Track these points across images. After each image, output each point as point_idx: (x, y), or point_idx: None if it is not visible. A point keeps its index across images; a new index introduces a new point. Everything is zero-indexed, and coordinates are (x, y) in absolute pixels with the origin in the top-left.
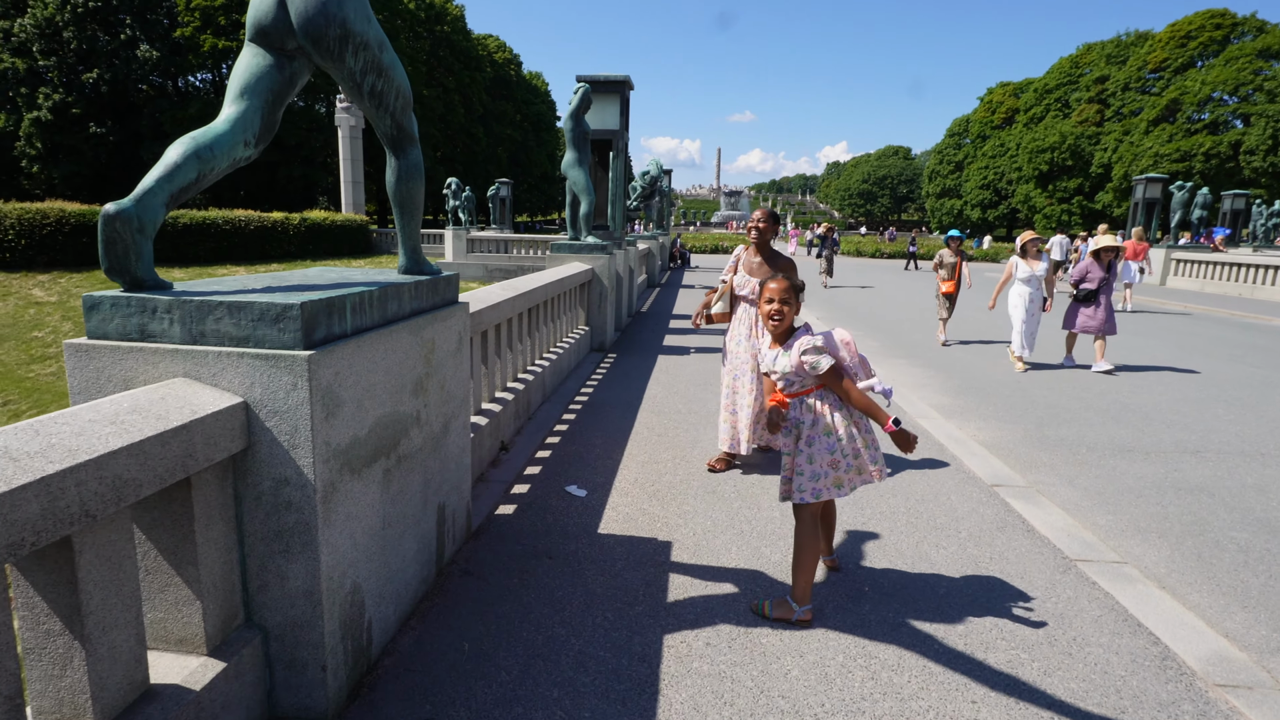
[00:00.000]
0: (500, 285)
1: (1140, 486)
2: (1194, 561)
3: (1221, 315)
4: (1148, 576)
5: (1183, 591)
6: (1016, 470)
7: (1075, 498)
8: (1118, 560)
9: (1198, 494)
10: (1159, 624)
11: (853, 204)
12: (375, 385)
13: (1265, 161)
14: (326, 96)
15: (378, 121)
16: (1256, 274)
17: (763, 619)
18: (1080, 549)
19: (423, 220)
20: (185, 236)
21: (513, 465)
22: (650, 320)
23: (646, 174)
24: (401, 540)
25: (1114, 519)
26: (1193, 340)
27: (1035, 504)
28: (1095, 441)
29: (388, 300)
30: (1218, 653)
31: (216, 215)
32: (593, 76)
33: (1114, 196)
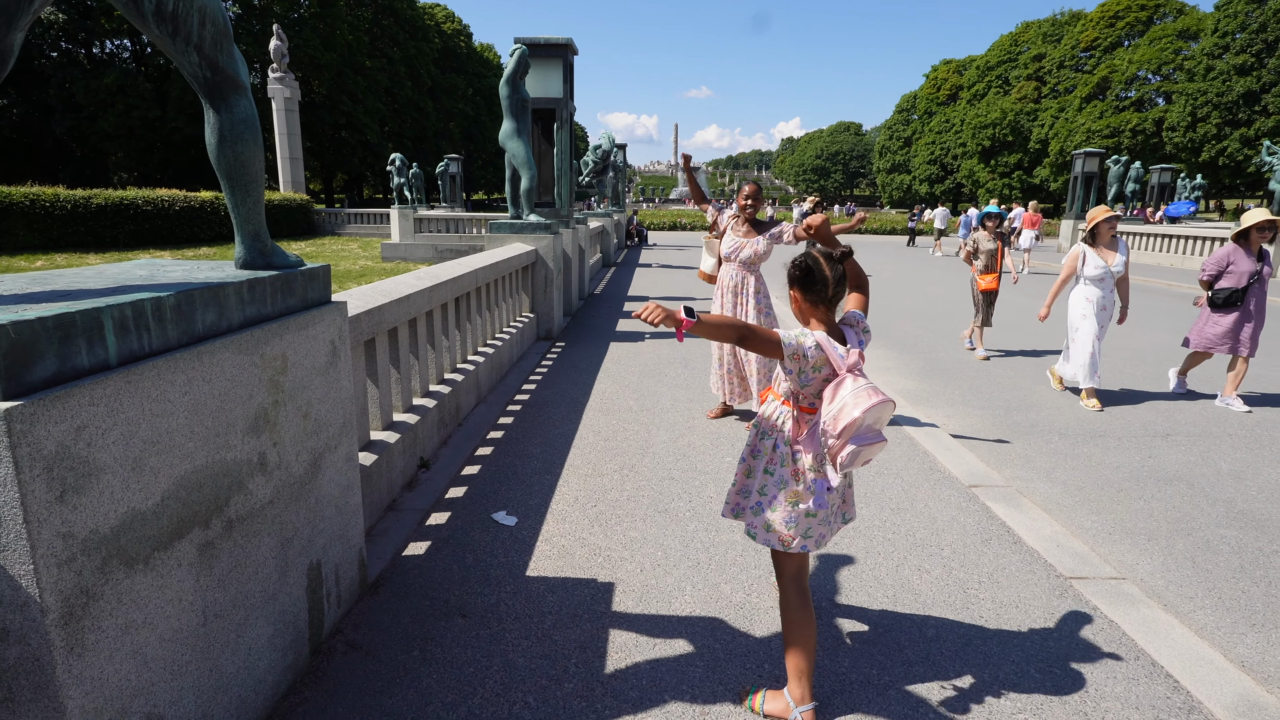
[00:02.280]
0: (415, 274)
1: (1119, 478)
2: (1190, 570)
3: (1159, 285)
4: (1149, 595)
5: (1187, 611)
6: (993, 466)
7: (1056, 495)
8: (1115, 576)
9: (1177, 484)
10: (1173, 661)
11: (807, 179)
12: (173, 432)
13: (1185, 137)
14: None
15: (180, 58)
16: (1187, 244)
17: (751, 713)
18: (1073, 563)
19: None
20: (100, 219)
21: (433, 486)
22: (604, 303)
23: (599, 148)
24: (242, 630)
25: (1099, 520)
26: (1138, 312)
27: (1017, 507)
28: (1066, 426)
29: (196, 309)
30: (1245, 698)
31: (136, 195)
32: (532, 39)
33: (1051, 171)
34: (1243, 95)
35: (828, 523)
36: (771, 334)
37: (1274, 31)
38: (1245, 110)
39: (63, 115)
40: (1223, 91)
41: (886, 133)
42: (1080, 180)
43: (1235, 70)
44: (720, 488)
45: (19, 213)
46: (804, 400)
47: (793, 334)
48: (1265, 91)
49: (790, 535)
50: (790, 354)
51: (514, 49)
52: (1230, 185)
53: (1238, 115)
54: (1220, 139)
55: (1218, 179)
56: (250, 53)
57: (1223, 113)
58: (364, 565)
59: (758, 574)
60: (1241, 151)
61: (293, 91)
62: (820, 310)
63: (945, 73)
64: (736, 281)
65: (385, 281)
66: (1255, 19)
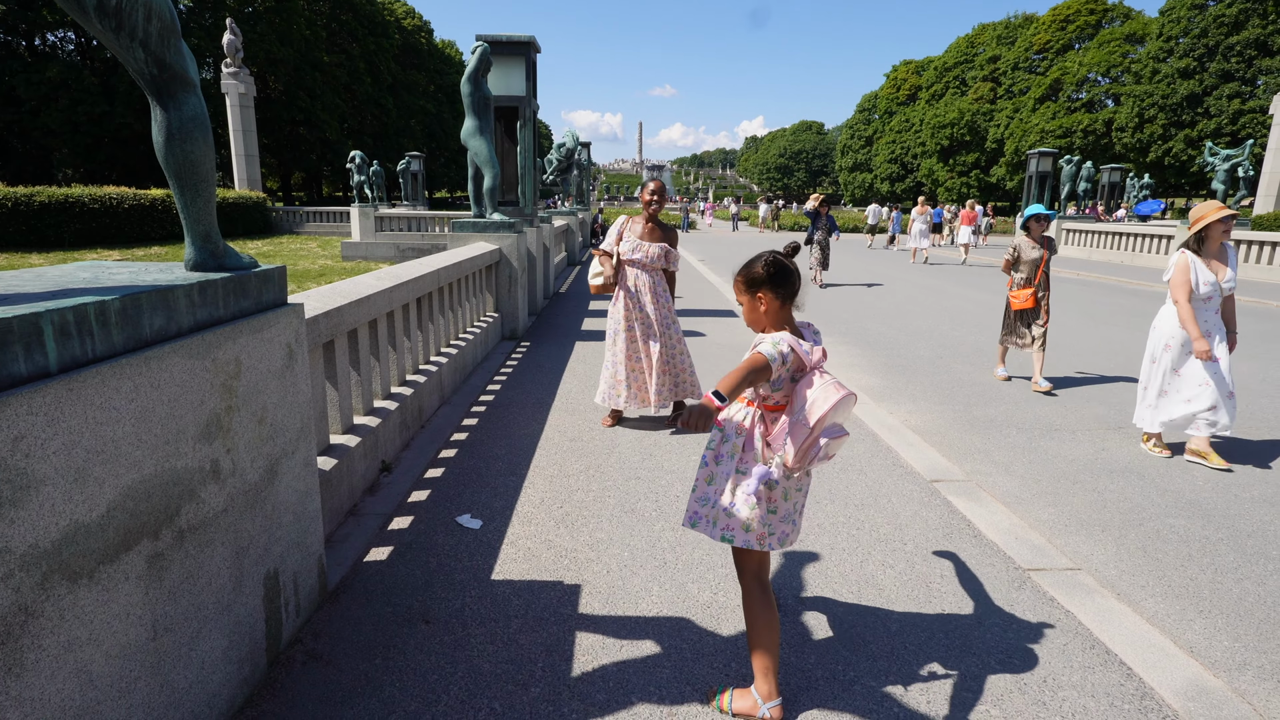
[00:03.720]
0: (375, 274)
1: (1074, 471)
2: (1141, 559)
3: (1110, 282)
4: (1103, 585)
5: (1138, 599)
6: (954, 461)
7: (1014, 488)
8: (1070, 567)
9: (1127, 475)
10: (1126, 648)
11: (770, 178)
12: (119, 441)
13: (1133, 138)
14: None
15: (125, 55)
16: (1137, 242)
17: (720, 713)
18: (1031, 555)
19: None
20: (44, 217)
21: (395, 490)
22: (569, 302)
23: (563, 146)
24: (195, 643)
25: (1056, 512)
26: (1093, 308)
27: (977, 501)
28: (1023, 421)
29: (143, 313)
30: (1193, 682)
31: (83, 193)
32: (493, 36)
33: (1007, 170)
34: (1186, 98)
35: (790, 520)
36: (759, 359)
37: (1214, 37)
38: (1189, 112)
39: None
40: (1168, 94)
41: (848, 132)
42: (1035, 179)
43: (1179, 74)
44: (687, 487)
45: None
46: (771, 400)
47: (771, 348)
48: (1207, 95)
49: (762, 533)
50: (778, 366)
51: (476, 46)
52: (1175, 185)
53: (1182, 117)
54: (1166, 139)
55: (1164, 178)
56: (202, 47)
57: (1168, 114)
58: (324, 573)
59: (724, 573)
60: (1186, 152)
61: (247, 87)
62: (787, 309)
63: (905, 73)
64: (643, 283)
65: (344, 282)
66: (1197, 24)
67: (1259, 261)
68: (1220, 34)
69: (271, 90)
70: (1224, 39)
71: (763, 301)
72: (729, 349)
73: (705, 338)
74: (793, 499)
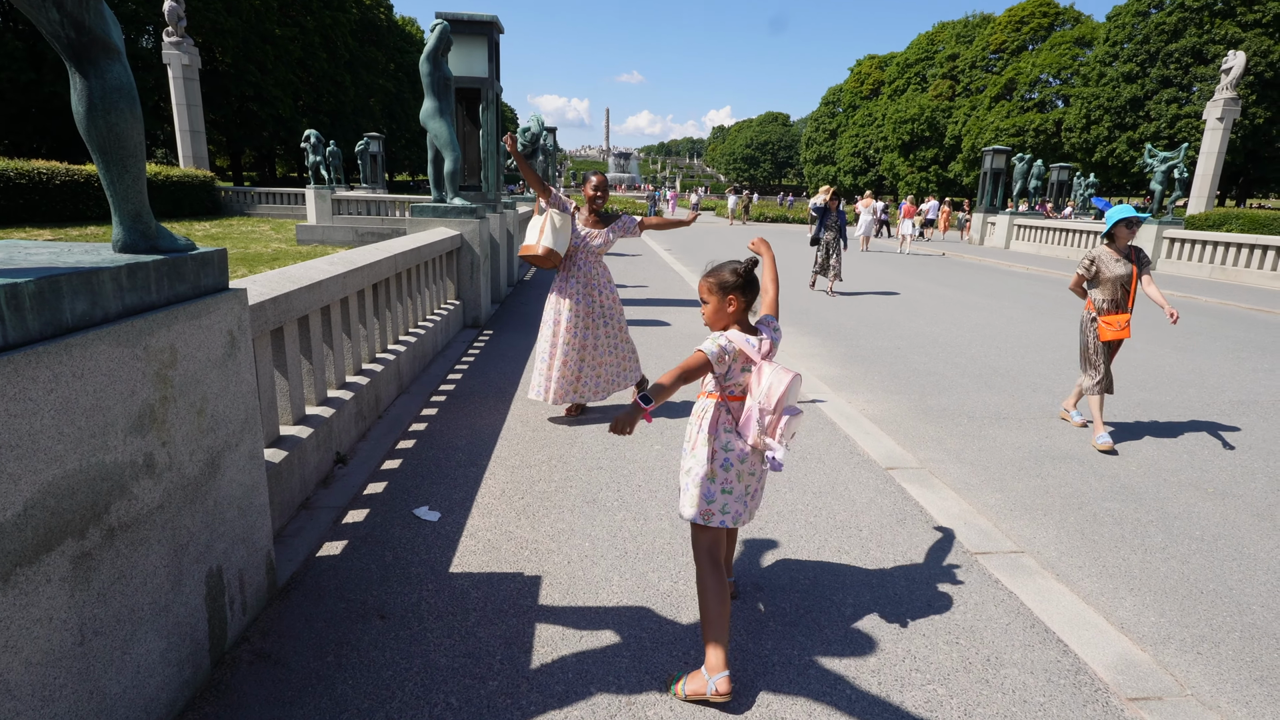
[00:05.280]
0: (329, 259)
1: (1020, 458)
2: (1079, 540)
3: (1057, 277)
4: (1044, 566)
5: (1076, 579)
6: (908, 449)
7: (964, 475)
8: (1014, 549)
9: (1069, 461)
10: (1064, 626)
11: (737, 168)
12: (36, 434)
13: (1080, 138)
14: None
15: (36, 14)
16: (1084, 239)
17: (676, 699)
18: (978, 539)
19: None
20: None
21: (350, 483)
22: (534, 289)
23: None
24: (129, 647)
25: (1002, 497)
26: (1039, 301)
27: (929, 487)
28: (973, 410)
29: (62, 297)
30: (1123, 656)
31: (7, 166)
32: (454, 14)
33: (964, 166)
34: (1129, 101)
35: (743, 501)
36: (698, 358)
37: (1156, 44)
38: (1131, 115)
39: None
40: (1113, 97)
41: (813, 124)
42: (989, 175)
43: (1123, 78)
44: (649, 476)
45: None
46: (733, 391)
47: (712, 345)
48: (1148, 99)
49: (710, 510)
50: (718, 361)
51: (435, 24)
52: (1118, 184)
53: (1125, 119)
54: (1111, 140)
55: (1108, 178)
56: (141, 14)
57: (1113, 116)
58: (273, 569)
59: (684, 561)
60: (1128, 153)
61: (191, 59)
62: (745, 314)
63: (869, 68)
64: (587, 272)
65: (295, 267)
66: (1140, 31)
67: (1191, 259)
68: (1161, 41)
69: (219, 63)
70: (1164, 46)
71: (732, 304)
72: (693, 338)
73: (670, 327)
74: (745, 481)
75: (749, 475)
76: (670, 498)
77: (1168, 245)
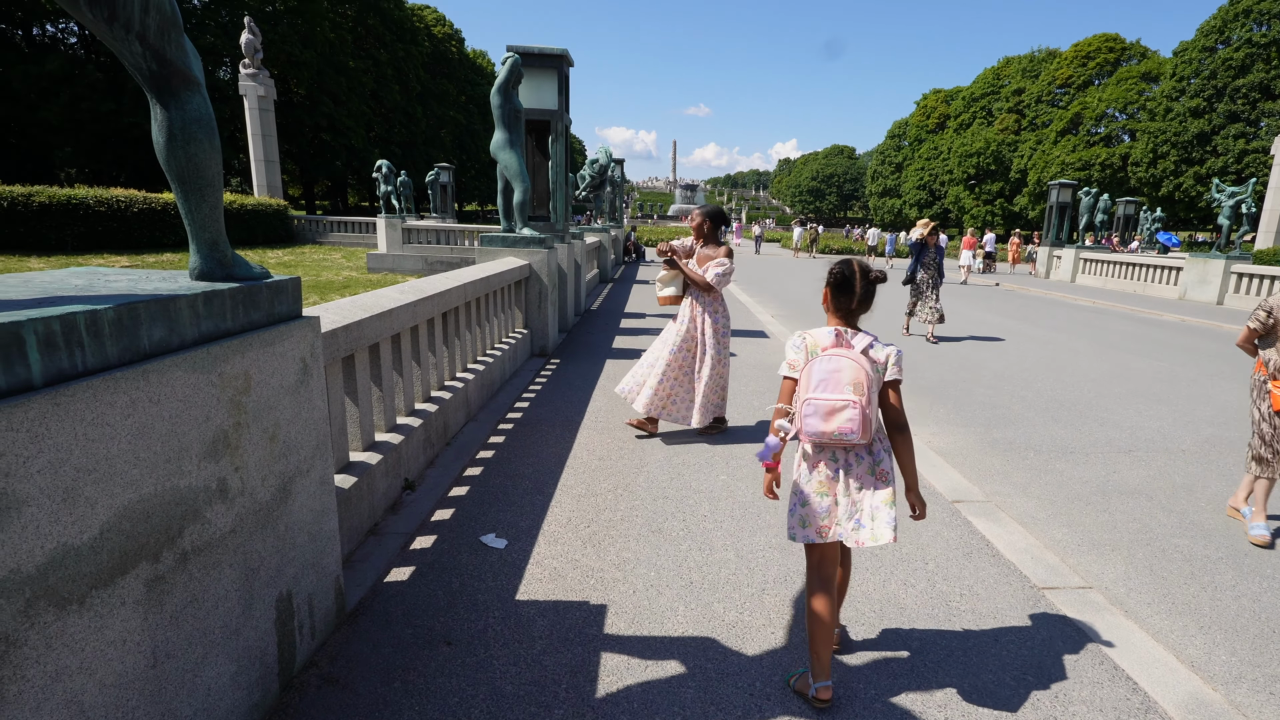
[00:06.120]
0: (399, 287)
1: (1087, 492)
2: (1148, 577)
3: (1123, 310)
4: (1112, 603)
5: (1145, 616)
6: (974, 482)
7: (1031, 509)
8: (1082, 585)
9: (1137, 497)
10: (1133, 664)
11: (803, 200)
12: (113, 459)
13: (1147, 173)
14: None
15: (121, 47)
16: (1151, 273)
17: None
18: (1046, 574)
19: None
20: (44, 219)
21: (418, 509)
22: (600, 319)
23: (595, 162)
24: (200, 670)
25: (1069, 532)
26: (1106, 335)
27: (996, 521)
28: (1039, 444)
29: (141, 324)
30: (1194, 695)
31: (87, 194)
32: (525, 48)
33: (1029, 200)
34: (1196, 136)
35: (830, 516)
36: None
37: (1222, 79)
38: (1199, 150)
39: None
40: (1179, 131)
41: (878, 157)
42: (1055, 209)
43: (1190, 113)
44: (714, 506)
45: None
46: None
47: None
48: (1215, 134)
49: (792, 524)
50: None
51: (506, 57)
52: (1185, 219)
53: (1192, 154)
54: (1177, 175)
55: (1175, 212)
56: (218, 45)
57: (1180, 151)
58: (341, 594)
59: (750, 592)
60: (1195, 188)
61: (267, 90)
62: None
63: (934, 101)
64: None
65: (365, 295)
66: (1207, 66)
67: (1259, 294)
68: (1228, 76)
69: (294, 94)
70: (1231, 81)
71: (825, 296)
72: (758, 368)
73: (736, 357)
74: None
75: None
76: (735, 528)
77: (1235, 280)
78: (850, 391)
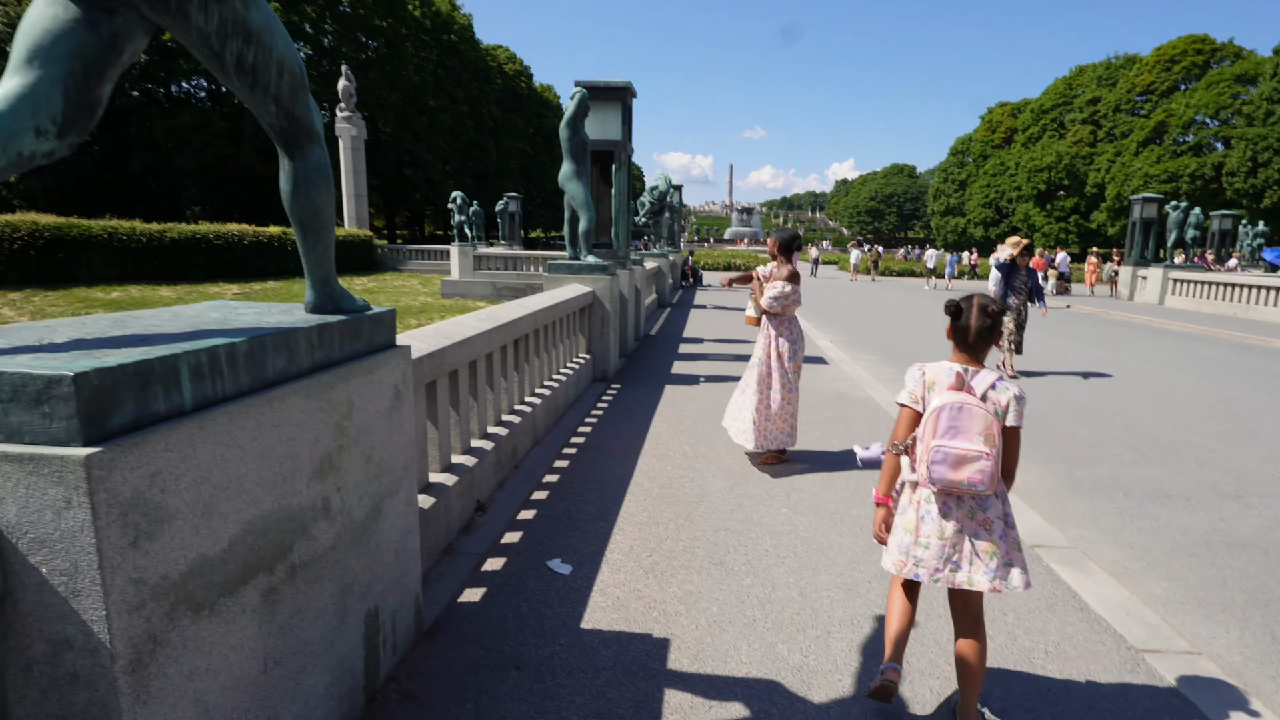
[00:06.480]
0: (476, 315)
1: (1189, 543)
2: (1269, 644)
3: (1222, 336)
4: (1227, 672)
5: (1269, 692)
6: (1055, 525)
7: (1123, 559)
8: (1189, 650)
9: (1250, 550)
10: None
11: (861, 221)
12: (242, 478)
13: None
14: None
15: (258, 108)
16: (1253, 294)
17: None
18: (1145, 634)
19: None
20: (174, 252)
21: (489, 531)
22: (659, 344)
23: (655, 189)
24: (301, 678)
25: (1170, 587)
26: (1202, 364)
27: (1083, 570)
28: (1130, 485)
29: (267, 355)
30: None
31: (208, 230)
32: (591, 82)
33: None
34: None
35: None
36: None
37: None
38: None
39: (141, 152)
40: None
41: (940, 175)
42: (1139, 226)
43: None
44: (776, 541)
45: (98, 245)
46: None
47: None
48: None
49: (901, 561)
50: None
51: (574, 92)
52: None
53: None
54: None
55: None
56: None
57: None
58: (420, 612)
59: (815, 635)
60: None
61: (359, 131)
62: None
63: (1000, 115)
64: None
65: (447, 323)
66: None
67: None
68: None
69: (381, 133)
70: None
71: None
72: (818, 396)
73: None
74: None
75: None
76: (798, 565)
77: None
78: (982, 442)
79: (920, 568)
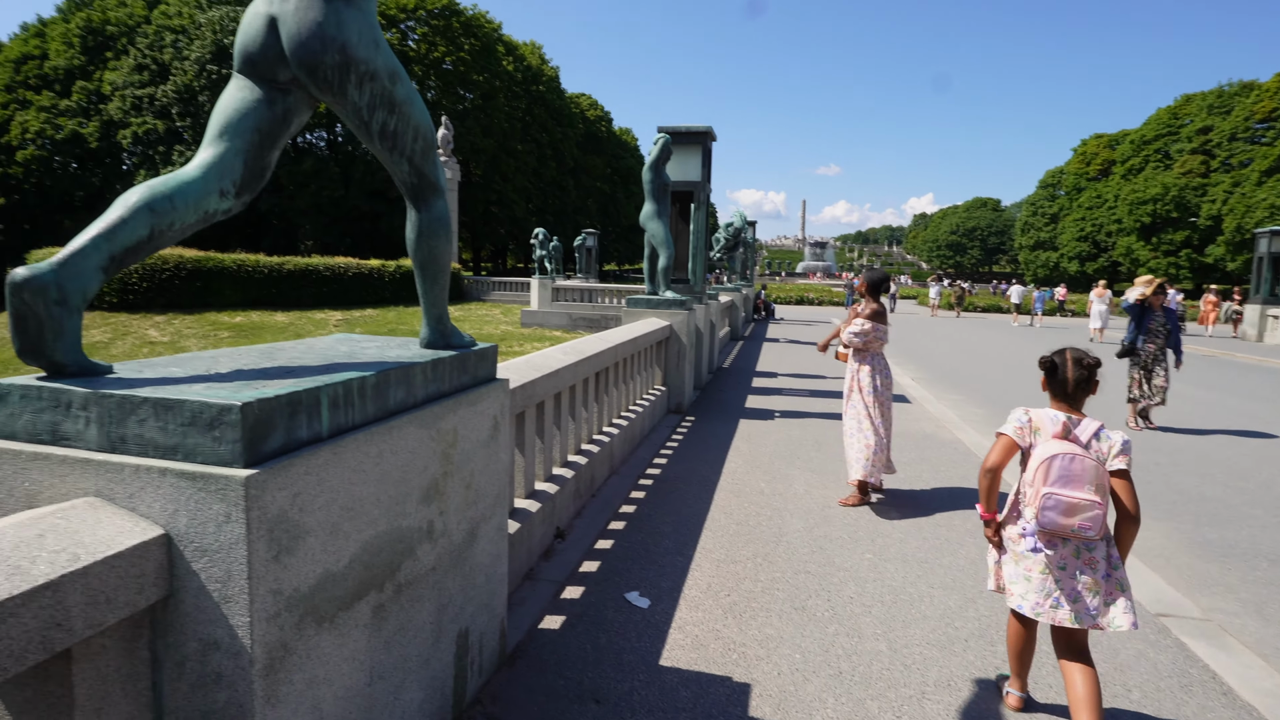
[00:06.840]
0: (562, 348)
1: None
2: None
3: None
4: None
5: None
6: (1185, 593)
7: (1272, 637)
8: None
9: None
10: None
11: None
12: (363, 500)
13: None
14: None
15: (393, 167)
16: None
17: None
18: None
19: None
20: (290, 281)
21: (568, 558)
22: (732, 377)
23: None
24: (399, 694)
25: None
26: None
27: (1223, 647)
28: (1272, 549)
29: (390, 387)
30: None
31: (319, 262)
32: (674, 127)
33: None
34: None
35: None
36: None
37: None
38: None
39: (268, 195)
40: None
41: (1029, 208)
42: (1266, 260)
43: None
44: (861, 588)
45: (228, 275)
46: None
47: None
48: None
49: (1010, 592)
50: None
51: (658, 138)
52: None
53: None
54: None
55: None
56: None
57: None
58: (504, 635)
59: (908, 694)
60: None
61: (454, 174)
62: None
63: (1096, 147)
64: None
65: (535, 355)
66: None
67: None
68: None
69: (472, 175)
70: None
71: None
72: (900, 436)
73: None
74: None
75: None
76: (886, 615)
77: None
78: (1093, 492)
79: (1024, 601)
